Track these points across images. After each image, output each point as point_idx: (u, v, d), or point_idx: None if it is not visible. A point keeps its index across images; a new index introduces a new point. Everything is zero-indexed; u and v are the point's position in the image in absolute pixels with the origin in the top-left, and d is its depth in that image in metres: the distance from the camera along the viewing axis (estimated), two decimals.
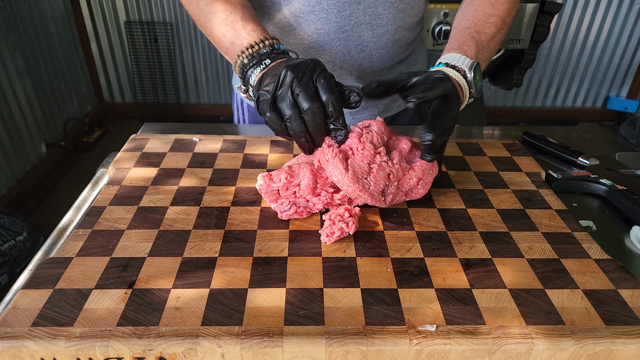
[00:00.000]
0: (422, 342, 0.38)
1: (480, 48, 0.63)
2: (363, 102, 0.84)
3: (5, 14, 2.06)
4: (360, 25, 0.73)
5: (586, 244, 0.50)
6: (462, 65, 0.59)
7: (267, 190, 0.52)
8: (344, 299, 0.42)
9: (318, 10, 0.71)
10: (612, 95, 3.01)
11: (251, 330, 0.38)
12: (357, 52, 0.77)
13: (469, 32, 0.64)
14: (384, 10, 0.73)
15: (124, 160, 0.63)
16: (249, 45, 0.58)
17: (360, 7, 0.71)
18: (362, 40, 0.75)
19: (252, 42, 0.58)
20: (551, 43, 2.83)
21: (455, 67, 0.59)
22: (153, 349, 0.37)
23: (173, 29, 2.76)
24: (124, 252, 0.47)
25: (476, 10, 0.67)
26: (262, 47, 0.57)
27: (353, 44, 0.75)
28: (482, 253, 0.48)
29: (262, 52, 0.57)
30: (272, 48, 0.58)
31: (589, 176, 0.64)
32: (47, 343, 0.37)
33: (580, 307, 0.42)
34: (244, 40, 0.59)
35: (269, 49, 0.57)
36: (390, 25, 0.75)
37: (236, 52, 0.59)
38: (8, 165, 2.06)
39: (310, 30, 0.73)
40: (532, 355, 0.38)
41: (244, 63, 0.57)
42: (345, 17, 0.72)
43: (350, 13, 0.72)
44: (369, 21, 0.73)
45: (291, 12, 0.72)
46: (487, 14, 0.66)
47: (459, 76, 0.58)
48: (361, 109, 0.87)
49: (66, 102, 2.57)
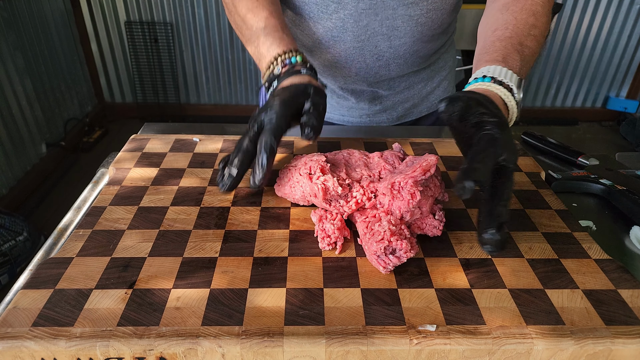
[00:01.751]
0: (422, 342, 0.38)
1: (524, 63, 0.54)
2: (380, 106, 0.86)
3: (5, 14, 2.06)
4: (376, 35, 0.72)
5: (586, 244, 0.50)
6: (511, 83, 0.51)
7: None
8: (344, 299, 0.42)
9: (335, 18, 0.71)
10: (612, 95, 3.01)
11: (251, 330, 0.39)
12: (373, 61, 0.76)
13: (512, 43, 0.55)
14: (402, 23, 0.71)
15: (125, 161, 0.63)
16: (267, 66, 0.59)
17: (377, 19, 0.70)
18: (378, 50, 0.74)
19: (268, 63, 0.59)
20: (551, 43, 2.83)
21: (502, 83, 0.51)
22: (153, 349, 0.37)
23: (173, 29, 2.76)
24: (124, 252, 0.47)
25: (516, 19, 0.58)
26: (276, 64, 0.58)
27: (369, 53, 0.75)
28: (482, 253, 0.48)
29: (276, 73, 0.58)
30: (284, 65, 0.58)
31: (589, 176, 0.64)
32: (47, 343, 0.37)
33: (580, 307, 0.42)
34: (262, 62, 0.60)
35: (281, 66, 0.58)
36: (408, 38, 0.73)
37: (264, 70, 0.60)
38: (8, 165, 2.06)
39: (327, 37, 0.73)
40: (532, 355, 0.39)
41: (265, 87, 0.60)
42: (361, 27, 0.71)
43: (367, 23, 0.71)
44: (386, 32, 0.72)
45: (310, 17, 0.72)
46: (529, 25, 0.58)
47: (508, 95, 0.51)
48: (378, 111, 0.85)
49: (66, 102, 2.57)
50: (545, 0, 0.61)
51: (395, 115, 0.86)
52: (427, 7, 0.70)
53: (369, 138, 0.71)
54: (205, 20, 2.74)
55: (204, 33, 2.78)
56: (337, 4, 0.70)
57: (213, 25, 2.76)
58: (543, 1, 0.61)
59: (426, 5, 0.70)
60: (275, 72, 0.58)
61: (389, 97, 0.83)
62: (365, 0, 0.69)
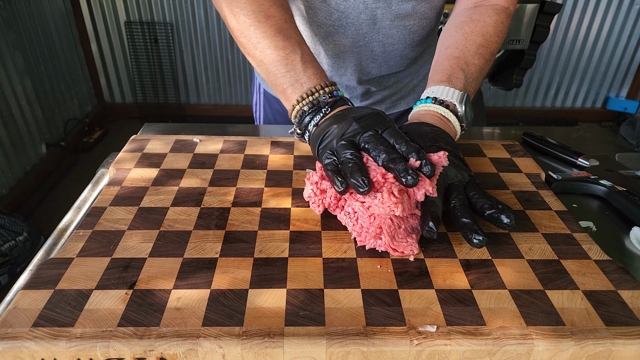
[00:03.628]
0: (422, 342, 0.38)
1: (469, 80, 0.61)
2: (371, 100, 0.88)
3: (5, 14, 2.06)
4: (372, 42, 0.77)
5: (586, 245, 0.50)
6: (452, 100, 0.58)
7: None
8: (344, 300, 0.42)
9: (338, 25, 0.75)
10: (612, 96, 3.01)
11: (252, 331, 0.39)
12: (367, 63, 0.81)
13: (458, 63, 0.62)
14: (397, 32, 0.76)
15: (125, 161, 0.63)
16: (310, 92, 0.56)
17: (375, 28, 0.75)
18: (373, 55, 0.79)
19: (312, 88, 0.56)
20: (551, 43, 2.83)
21: (443, 102, 0.58)
22: (154, 349, 0.37)
23: (173, 29, 2.76)
24: (124, 252, 0.47)
25: (466, 39, 0.64)
26: (322, 93, 0.56)
27: (365, 56, 0.79)
28: (482, 254, 0.48)
29: (322, 99, 0.56)
30: (331, 95, 0.56)
31: (589, 177, 0.64)
32: (47, 344, 0.37)
33: (580, 307, 0.42)
34: (304, 85, 0.57)
35: (327, 96, 0.56)
36: (400, 44, 0.78)
37: (295, 96, 0.57)
38: (8, 166, 2.06)
39: (328, 40, 0.77)
40: (532, 355, 0.39)
41: (303, 110, 0.56)
42: (361, 35, 0.76)
43: (366, 32, 0.76)
44: (382, 40, 0.77)
45: (314, 21, 0.76)
46: (477, 45, 0.64)
47: (448, 112, 0.57)
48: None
49: (66, 102, 2.57)
50: (498, 22, 0.67)
51: (384, 107, 0.90)
52: (419, 17, 0.76)
53: None
54: (205, 20, 2.74)
55: (204, 33, 2.78)
56: (340, 12, 0.74)
57: (213, 25, 2.76)
58: (496, 22, 0.66)
59: (418, 16, 0.76)
60: (321, 99, 0.56)
61: (379, 92, 0.88)
62: (367, 12, 0.73)
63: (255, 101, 0.99)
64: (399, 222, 0.48)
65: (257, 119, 1.01)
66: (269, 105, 0.95)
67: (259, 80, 0.96)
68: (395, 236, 0.47)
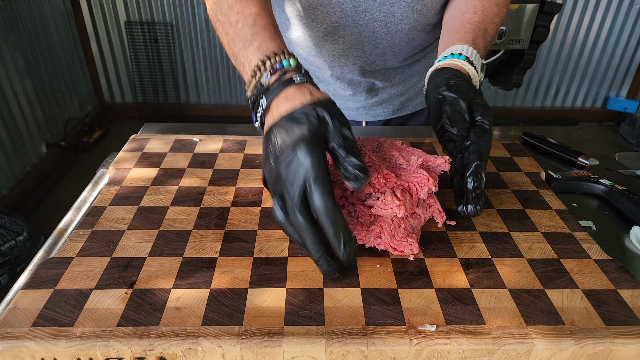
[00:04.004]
0: (422, 342, 0.38)
1: (485, 47, 0.62)
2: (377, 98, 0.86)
3: (5, 14, 2.06)
4: (374, 22, 0.73)
5: (586, 244, 0.50)
6: (477, 64, 0.58)
7: None
8: (344, 299, 0.42)
9: (334, 3, 0.71)
10: (611, 96, 3.01)
11: (251, 330, 0.39)
12: (370, 49, 0.77)
13: (479, 28, 0.62)
14: (398, 9, 0.72)
15: (125, 161, 0.63)
16: (251, 72, 0.48)
17: (375, 4, 0.71)
18: (375, 37, 0.75)
19: (254, 67, 0.48)
20: (551, 43, 2.83)
21: (472, 62, 0.58)
22: (153, 349, 0.37)
23: (173, 29, 2.76)
24: (124, 252, 0.47)
25: (483, 6, 0.64)
26: (264, 70, 0.47)
27: (367, 40, 0.76)
28: (482, 253, 0.48)
29: (264, 82, 0.47)
30: (273, 70, 0.47)
31: (589, 176, 0.64)
32: (47, 343, 0.37)
33: (580, 307, 0.42)
34: (247, 66, 0.49)
35: (269, 72, 0.47)
36: (405, 25, 0.74)
37: (247, 78, 0.49)
38: (8, 165, 2.06)
39: (326, 22, 0.74)
40: (532, 355, 0.39)
41: (250, 97, 0.49)
42: (360, 12, 0.72)
43: (366, 9, 0.72)
44: (384, 19, 0.73)
45: (309, 3, 0.72)
46: (493, 13, 0.64)
47: (475, 73, 0.57)
48: (375, 104, 0.87)
49: (66, 102, 2.57)
50: None
51: (391, 108, 0.88)
52: None
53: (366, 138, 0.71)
54: (205, 20, 2.74)
55: (204, 33, 2.78)
56: None
57: None
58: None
59: None
60: (263, 81, 0.47)
61: (385, 89, 0.85)
62: None
63: None
64: (399, 221, 0.48)
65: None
66: None
67: None
68: (395, 235, 0.47)
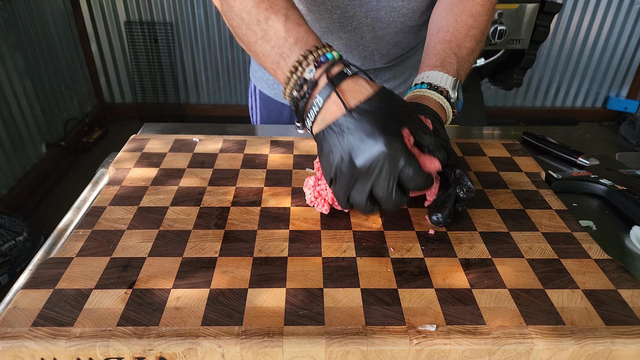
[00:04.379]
0: (422, 342, 0.38)
1: (461, 64, 0.61)
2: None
3: (5, 14, 2.06)
4: (362, 27, 0.75)
5: (586, 244, 0.50)
6: (445, 86, 0.57)
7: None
8: (344, 299, 0.42)
9: (323, 10, 0.72)
10: (612, 95, 3.01)
11: (251, 330, 0.39)
12: (359, 52, 0.78)
13: (450, 47, 0.61)
14: (385, 14, 0.74)
15: (124, 161, 0.63)
16: (294, 67, 0.46)
17: (362, 10, 0.73)
18: (363, 41, 0.77)
19: (296, 61, 0.46)
20: (551, 43, 2.83)
21: (437, 87, 0.57)
22: (153, 349, 0.37)
23: (173, 29, 2.76)
24: (124, 252, 0.47)
25: (457, 21, 0.64)
26: (307, 64, 0.45)
27: (355, 44, 0.77)
28: (482, 253, 0.48)
29: (307, 76, 0.45)
30: (317, 64, 0.45)
31: (589, 176, 0.64)
32: (47, 343, 0.37)
33: (580, 307, 0.42)
34: (288, 60, 0.47)
35: (313, 66, 0.45)
36: (391, 28, 0.76)
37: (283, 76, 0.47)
38: (8, 166, 2.06)
39: (316, 27, 0.75)
40: (532, 355, 0.39)
41: (293, 96, 0.46)
42: (348, 17, 0.73)
43: (353, 15, 0.73)
44: (371, 23, 0.74)
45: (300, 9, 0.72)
46: (468, 26, 0.63)
47: (442, 98, 0.57)
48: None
49: (66, 102, 2.57)
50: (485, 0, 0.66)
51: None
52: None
53: None
54: (205, 20, 2.74)
55: (204, 33, 2.78)
56: None
57: (213, 25, 2.76)
58: (484, 1, 0.65)
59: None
60: (307, 75, 0.45)
61: None
62: None
63: (251, 104, 0.98)
64: None
65: (253, 121, 1.00)
66: (264, 107, 0.94)
67: (254, 82, 0.95)
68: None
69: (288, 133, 0.57)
